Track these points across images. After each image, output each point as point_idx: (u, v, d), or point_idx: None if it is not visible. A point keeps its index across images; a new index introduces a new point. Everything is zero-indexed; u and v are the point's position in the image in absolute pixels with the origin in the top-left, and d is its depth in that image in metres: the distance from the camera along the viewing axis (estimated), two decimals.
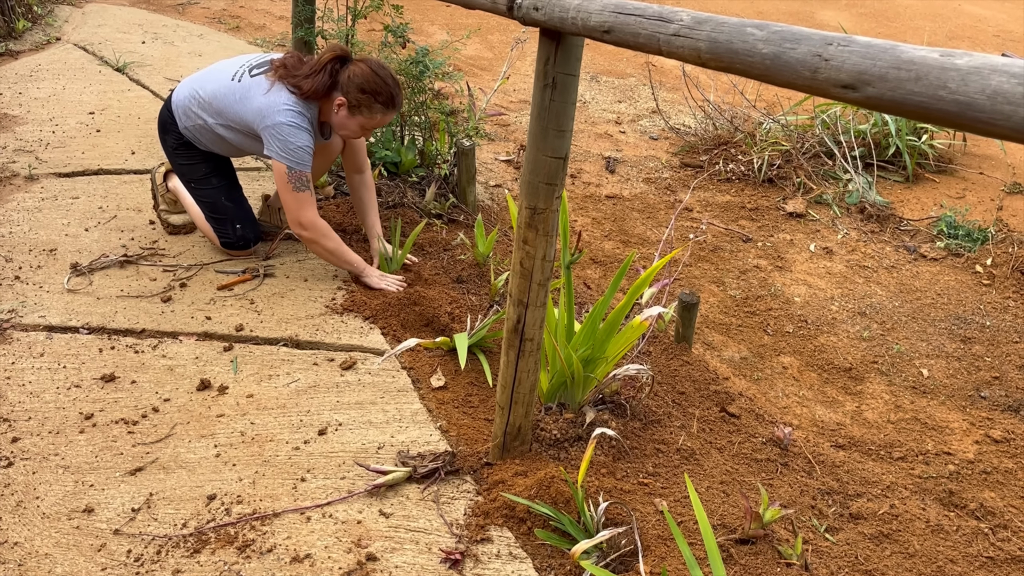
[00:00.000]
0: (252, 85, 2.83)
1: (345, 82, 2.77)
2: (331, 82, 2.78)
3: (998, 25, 9.56)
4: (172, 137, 3.05)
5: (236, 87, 2.85)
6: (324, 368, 2.55)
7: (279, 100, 2.75)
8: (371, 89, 2.75)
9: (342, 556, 1.85)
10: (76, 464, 2.10)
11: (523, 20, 1.70)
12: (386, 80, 2.78)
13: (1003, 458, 2.89)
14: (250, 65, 2.91)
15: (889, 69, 0.89)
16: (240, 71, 2.90)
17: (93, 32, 6.36)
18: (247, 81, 2.85)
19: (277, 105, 2.74)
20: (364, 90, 2.75)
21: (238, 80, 2.87)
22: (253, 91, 2.81)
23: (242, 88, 2.84)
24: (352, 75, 2.76)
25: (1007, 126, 0.78)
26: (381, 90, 2.77)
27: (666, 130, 5.92)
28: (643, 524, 1.98)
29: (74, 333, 2.64)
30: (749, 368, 3.32)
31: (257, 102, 2.78)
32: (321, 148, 3.14)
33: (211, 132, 2.95)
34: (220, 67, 2.98)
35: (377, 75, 2.77)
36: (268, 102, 2.76)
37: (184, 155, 3.07)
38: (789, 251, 4.32)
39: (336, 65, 2.79)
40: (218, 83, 2.90)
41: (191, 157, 3.06)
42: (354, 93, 2.76)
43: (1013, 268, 4.13)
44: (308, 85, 2.75)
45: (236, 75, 2.88)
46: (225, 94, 2.87)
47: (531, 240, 1.87)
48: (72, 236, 3.22)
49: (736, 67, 1.13)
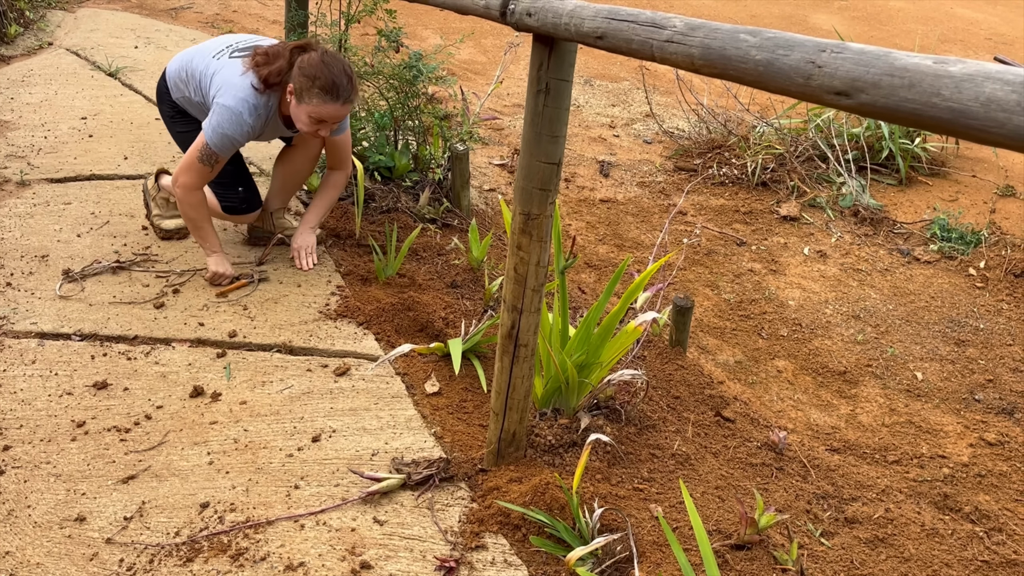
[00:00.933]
0: (226, 66, 2.83)
1: (295, 69, 2.72)
2: (288, 70, 2.76)
3: (990, 28, 9.59)
4: (167, 106, 3.10)
5: (213, 65, 2.87)
6: (318, 374, 2.54)
7: (241, 84, 2.75)
8: (311, 74, 2.67)
9: (336, 564, 1.84)
10: (68, 472, 2.09)
11: (516, 26, 1.70)
12: (331, 67, 2.68)
13: (997, 461, 2.89)
14: (235, 47, 2.93)
15: (882, 76, 0.89)
16: (224, 51, 2.92)
17: (85, 37, 6.34)
18: (224, 61, 2.86)
19: (236, 88, 2.74)
20: (306, 74, 2.68)
21: (216, 58, 2.89)
22: (223, 71, 2.81)
23: (216, 66, 2.86)
24: (301, 61, 2.71)
25: (1001, 133, 0.77)
26: (320, 75, 2.67)
27: (660, 134, 5.93)
28: (638, 530, 1.97)
29: (66, 340, 2.62)
30: (744, 372, 3.32)
31: (222, 76, 2.79)
32: (301, 141, 3.17)
33: (197, 107, 2.99)
34: (211, 44, 3.01)
35: (323, 62, 2.69)
36: (230, 82, 2.76)
37: (181, 122, 3.09)
38: (783, 255, 4.32)
39: (297, 54, 2.77)
40: (202, 60, 2.92)
41: (188, 124, 3.07)
42: (298, 78, 2.69)
43: (1006, 271, 4.14)
44: (266, 71, 2.73)
45: (218, 54, 2.91)
46: (203, 71, 2.89)
47: (525, 246, 1.86)
48: (64, 242, 3.21)
49: (729, 73, 1.13)
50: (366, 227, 3.48)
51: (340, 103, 2.72)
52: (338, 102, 2.71)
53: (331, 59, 2.72)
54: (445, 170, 3.92)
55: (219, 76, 2.80)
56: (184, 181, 2.81)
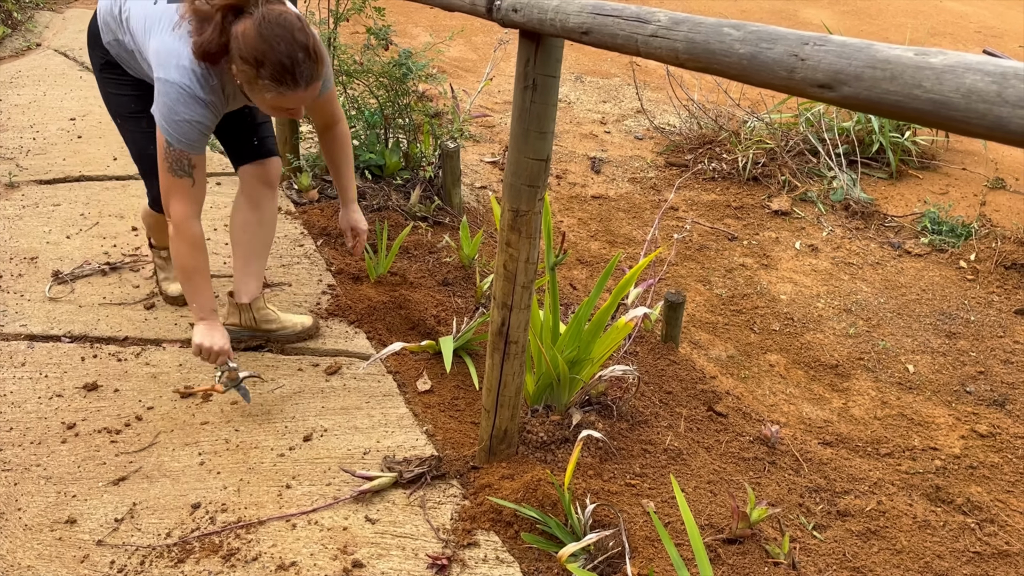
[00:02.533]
0: (163, 15, 2.10)
1: (233, 48, 1.97)
2: (225, 42, 1.98)
3: (980, 21, 9.62)
4: (99, 52, 2.37)
5: (150, 10, 2.15)
6: (309, 373, 2.53)
7: (180, 50, 2.03)
8: (251, 57, 1.93)
9: (328, 563, 1.83)
10: (58, 475, 2.08)
11: (502, 22, 1.69)
12: (275, 42, 1.92)
13: (989, 452, 2.90)
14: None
15: (864, 68, 0.89)
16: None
17: (74, 38, 6.31)
18: (162, 6, 2.13)
19: (178, 57, 2.03)
20: (245, 59, 1.94)
21: (154, 2, 2.16)
22: (161, 24, 2.09)
23: (155, 14, 2.13)
24: (235, 36, 1.95)
25: (982, 124, 0.77)
26: (265, 57, 1.92)
27: (651, 130, 5.93)
28: (630, 525, 1.97)
29: (56, 342, 2.61)
30: (736, 367, 3.32)
31: (155, 41, 2.07)
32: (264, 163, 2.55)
33: (130, 56, 2.29)
34: None
35: (260, 36, 1.92)
36: (167, 47, 2.04)
37: (112, 79, 2.39)
38: (774, 249, 4.32)
39: (229, 17, 1.97)
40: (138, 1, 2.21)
41: (120, 83, 2.38)
42: (237, 64, 1.97)
43: (996, 263, 4.15)
44: (199, 43, 1.99)
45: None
46: (138, 16, 2.17)
47: (514, 243, 1.86)
48: (53, 244, 3.19)
49: (714, 67, 1.13)
50: None
51: (303, 88, 2.00)
52: (299, 88, 1.99)
53: (273, 28, 1.93)
54: (436, 168, 3.91)
55: (155, 38, 2.08)
56: (175, 212, 2.14)
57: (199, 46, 1.99)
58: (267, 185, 2.55)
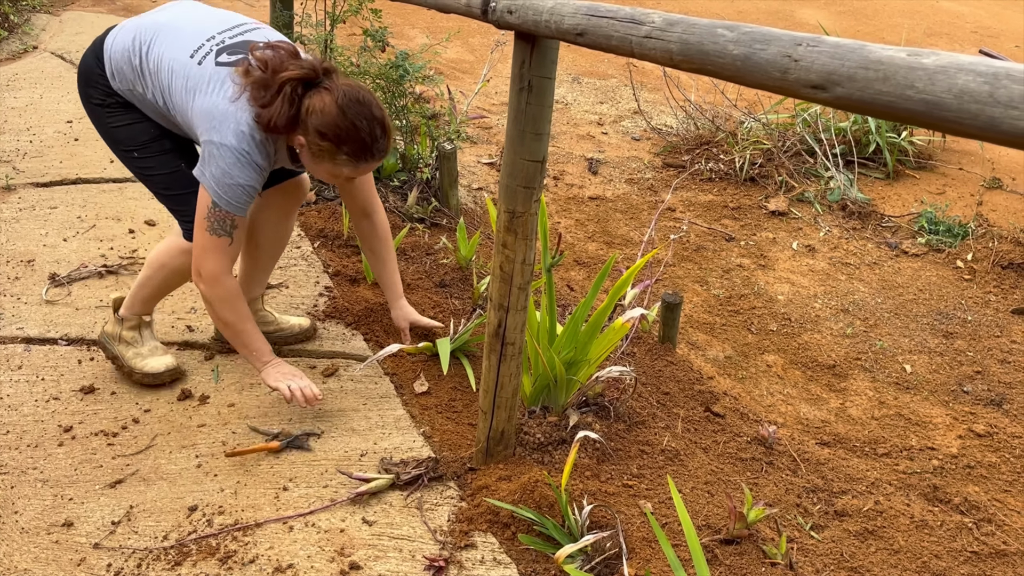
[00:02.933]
0: (213, 79, 2.06)
1: (305, 118, 2.02)
2: (294, 113, 2.02)
3: (976, 21, 9.63)
4: (99, 91, 2.21)
5: (192, 70, 2.08)
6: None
7: (241, 118, 2.02)
8: (334, 136, 2.00)
9: (325, 565, 1.83)
10: (55, 478, 2.08)
11: (498, 23, 1.69)
12: (356, 122, 2.00)
13: (986, 452, 2.90)
14: (221, 45, 2.13)
15: (857, 69, 0.89)
16: (206, 50, 2.12)
17: (71, 40, 6.31)
18: (209, 69, 2.08)
19: (237, 122, 2.02)
20: (324, 135, 2.00)
21: (198, 62, 2.09)
22: (211, 87, 2.06)
23: (199, 76, 2.08)
24: (312, 111, 2.00)
25: (974, 125, 0.78)
26: (348, 137, 2.01)
27: (648, 131, 5.93)
28: (628, 526, 1.97)
29: (52, 345, 2.61)
30: (733, 367, 3.32)
31: (209, 101, 2.05)
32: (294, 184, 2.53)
33: (151, 105, 2.19)
34: (181, 25, 2.19)
35: (345, 115, 1.99)
36: (221, 111, 2.03)
37: (117, 115, 2.22)
38: (772, 249, 4.33)
39: (298, 90, 2.02)
40: (172, 51, 2.12)
41: (129, 118, 2.23)
42: (314, 136, 2.02)
43: (993, 263, 4.16)
44: (267, 116, 2.01)
45: (198, 52, 2.11)
46: (176, 71, 2.10)
47: (510, 244, 1.86)
48: (50, 246, 3.19)
49: (708, 68, 1.13)
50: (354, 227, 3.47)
51: (376, 161, 2.11)
52: (373, 161, 2.10)
53: (353, 106, 2.01)
54: (433, 169, 3.91)
55: (205, 100, 2.05)
56: (208, 270, 2.10)
57: (267, 118, 2.00)
58: (299, 200, 2.57)
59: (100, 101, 2.21)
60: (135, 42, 2.16)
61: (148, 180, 2.29)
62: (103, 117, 2.24)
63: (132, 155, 2.25)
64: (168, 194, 2.27)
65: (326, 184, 3.83)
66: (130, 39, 2.16)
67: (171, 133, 2.26)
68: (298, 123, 2.04)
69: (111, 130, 2.24)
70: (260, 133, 2.04)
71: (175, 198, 2.26)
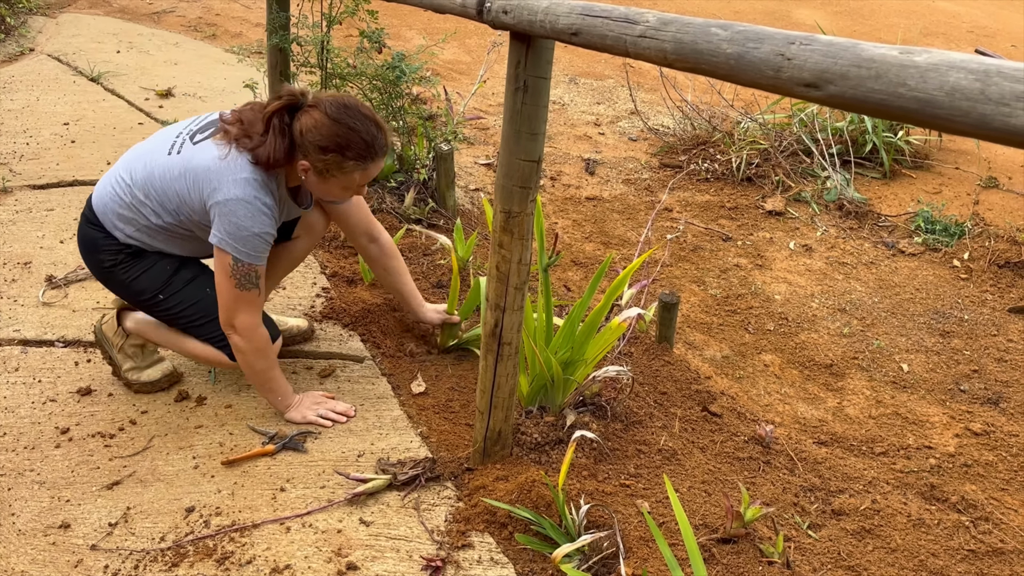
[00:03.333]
0: (196, 153, 2.10)
1: (300, 140, 2.06)
2: (288, 142, 2.07)
3: (972, 21, 9.65)
4: (108, 254, 2.21)
5: (175, 162, 2.11)
6: (303, 376, 2.53)
7: (236, 168, 2.05)
8: (334, 145, 2.04)
9: (322, 566, 1.83)
10: (52, 479, 2.08)
11: (493, 24, 1.70)
12: (351, 125, 2.05)
13: (983, 451, 2.90)
14: (190, 131, 2.19)
15: (850, 67, 0.89)
16: (178, 141, 2.16)
17: (67, 42, 6.31)
18: (188, 151, 2.12)
19: (233, 173, 2.04)
20: (326, 148, 2.04)
21: (177, 152, 2.13)
22: (198, 158, 2.09)
23: (182, 160, 2.11)
24: (305, 131, 2.04)
25: (965, 122, 0.78)
26: (348, 142, 2.05)
27: (645, 131, 5.94)
28: (625, 526, 1.97)
29: (49, 347, 2.61)
30: (731, 367, 3.33)
31: (204, 166, 2.07)
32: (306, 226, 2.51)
33: (162, 233, 2.20)
34: (150, 144, 2.23)
35: (337, 122, 2.04)
36: (217, 168, 2.05)
37: (133, 267, 2.23)
38: (769, 249, 4.33)
39: (284, 119, 2.08)
40: (152, 162, 2.15)
41: (145, 264, 2.23)
42: (316, 154, 2.05)
43: (990, 262, 4.16)
44: (264, 154, 2.04)
45: (174, 148, 2.15)
46: (162, 174, 2.12)
47: (506, 244, 1.86)
48: (47, 248, 3.19)
49: (702, 67, 1.13)
50: None
51: (381, 158, 2.14)
52: (379, 158, 2.14)
53: (342, 112, 2.06)
54: (430, 170, 3.91)
55: (200, 168, 2.07)
56: (241, 323, 2.13)
57: (265, 156, 2.04)
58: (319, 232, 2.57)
59: (112, 262, 2.21)
60: (119, 182, 2.19)
61: (180, 318, 2.28)
62: (119, 276, 2.23)
63: (158, 299, 2.25)
64: (202, 323, 2.27)
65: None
66: (113, 183, 2.20)
67: (187, 261, 2.29)
68: (295, 150, 2.08)
69: (131, 284, 2.23)
70: (260, 174, 2.07)
71: (212, 323, 2.25)
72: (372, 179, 2.17)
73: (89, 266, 2.27)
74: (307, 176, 2.12)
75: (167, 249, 2.24)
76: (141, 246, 2.21)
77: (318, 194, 2.22)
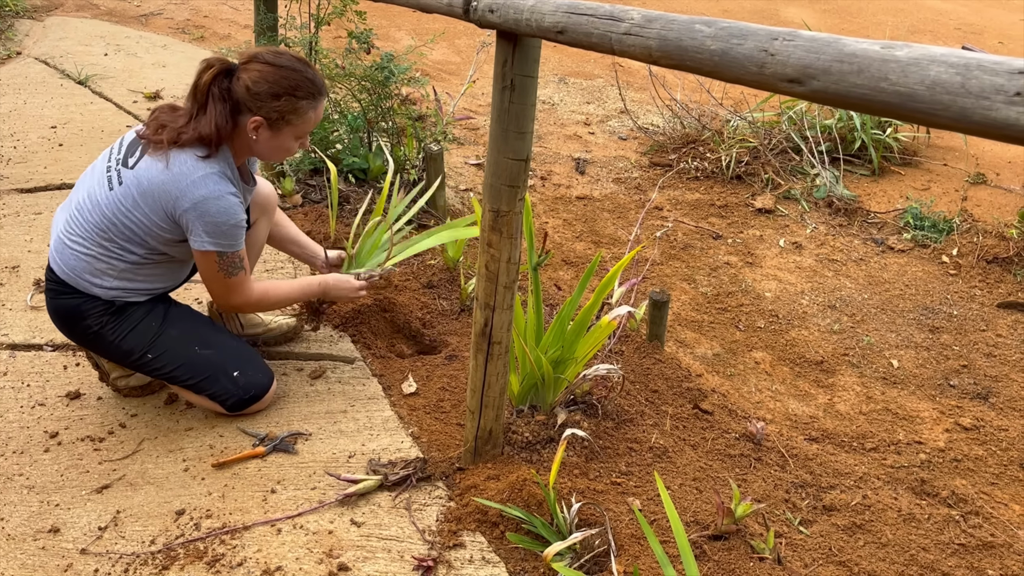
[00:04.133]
0: (140, 176, 2.04)
1: (247, 97, 2.04)
2: (231, 105, 2.07)
3: (959, 18, 9.69)
4: (93, 318, 2.15)
5: (122, 194, 2.05)
6: (293, 378, 2.53)
7: (188, 170, 2.01)
8: (285, 89, 2.05)
9: (313, 567, 1.83)
10: (41, 484, 2.07)
11: (479, 23, 1.70)
12: (294, 67, 2.08)
13: (973, 445, 2.92)
14: (118, 160, 2.11)
15: (832, 62, 0.89)
16: (113, 175, 2.09)
17: (54, 45, 6.28)
18: (130, 177, 2.05)
19: (187, 176, 2.01)
20: (277, 94, 2.04)
21: (119, 184, 2.06)
22: (145, 179, 2.02)
23: (129, 189, 2.04)
24: (252, 83, 2.04)
25: (947, 116, 0.78)
26: (296, 82, 2.07)
27: (635, 130, 5.95)
28: (616, 524, 1.97)
29: (38, 351, 2.59)
30: (722, 364, 3.33)
31: (156, 183, 2.01)
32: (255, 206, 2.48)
33: (142, 268, 2.15)
34: (82, 193, 2.14)
35: (281, 67, 2.06)
36: (173, 177, 2.01)
37: (120, 326, 2.17)
38: (759, 247, 4.34)
39: (224, 83, 2.06)
40: (96, 208, 2.08)
41: (131, 322, 2.18)
42: (268, 104, 2.05)
43: (978, 257, 4.18)
44: (207, 126, 2.02)
45: (112, 182, 2.08)
46: (115, 211, 2.06)
47: (495, 243, 1.86)
48: (35, 252, 3.17)
49: (687, 64, 1.13)
50: (341, 229, 3.46)
51: (325, 94, 2.19)
52: (324, 96, 2.18)
53: (278, 56, 2.09)
54: (420, 171, 3.91)
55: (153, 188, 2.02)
56: (237, 301, 2.19)
57: (209, 129, 2.02)
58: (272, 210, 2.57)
59: (99, 324, 2.16)
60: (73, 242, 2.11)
61: (171, 378, 2.26)
62: (106, 338, 2.17)
63: (147, 358, 2.21)
64: (193, 382, 2.24)
65: (312, 186, 3.83)
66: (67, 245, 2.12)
67: (173, 317, 2.25)
68: (239, 114, 2.08)
69: (119, 344, 2.18)
70: (213, 166, 2.04)
71: (204, 382, 2.24)
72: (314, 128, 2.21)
73: (73, 337, 2.20)
74: (258, 133, 2.10)
75: (151, 285, 2.20)
76: (125, 296, 2.16)
77: (267, 154, 2.17)
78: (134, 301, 2.18)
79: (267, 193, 2.50)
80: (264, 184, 2.50)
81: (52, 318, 2.21)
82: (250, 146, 2.14)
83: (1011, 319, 3.76)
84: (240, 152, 2.16)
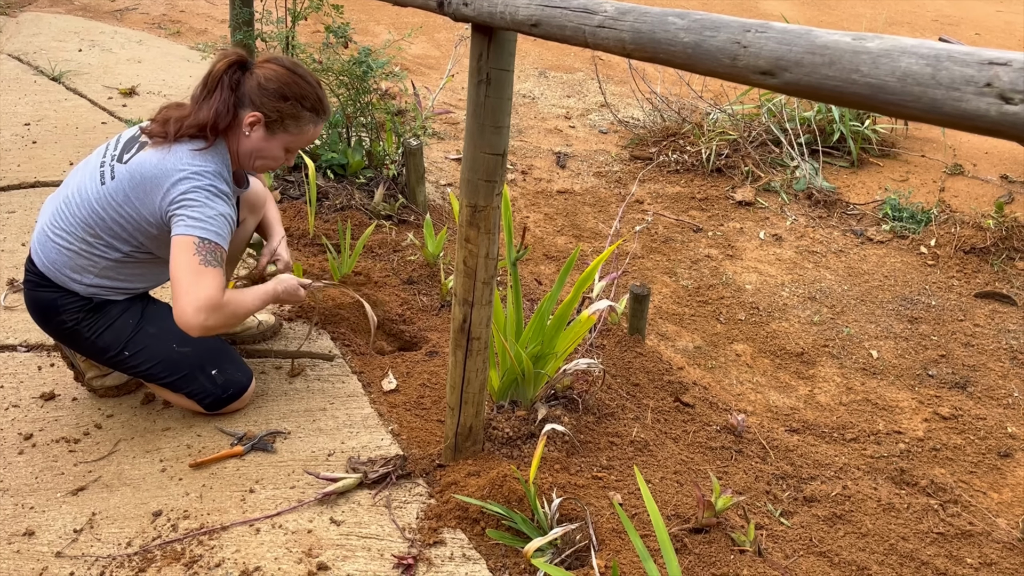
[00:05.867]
0: (133, 169, 2.01)
1: (255, 92, 2.07)
2: (235, 98, 2.07)
3: (936, 10, 9.75)
4: (69, 313, 2.12)
5: (114, 188, 2.02)
6: (272, 376, 2.50)
7: (181, 163, 1.99)
8: (294, 94, 2.08)
9: (292, 567, 1.81)
10: (16, 487, 2.04)
11: (454, 16, 1.68)
12: (308, 80, 2.13)
13: (952, 434, 2.94)
14: (113, 156, 2.09)
15: (804, 54, 0.89)
16: (106, 170, 2.06)
17: (28, 41, 6.19)
18: (123, 172, 2.02)
19: (175, 167, 1.98)
20: (285, 96, 2.07)
21: (111, 179, 2.03)
22: (139, 171, 2.00)
23: (121, 183, 2.01)
24: (263, 81, 2.07)
25: (917, 107, 0.78)
26: (306, 93, 2.11)
27: (615, 123, 5.94)
28: (597, 518, 1.97)
29: (11, 352, 2.56)
30: (703, 357, 3.34)
31: (149, 175, 1.99)
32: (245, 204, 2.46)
33: (124, 266, 2.12)
34: (72, 187, 2.11)
35: (296, 74, 2.11)
36: (165, 168, 1.98)
37: (96, 323, 2.14)
38: (739, 239, 4.35)
39: (236, 74, 2.08)
40: (86, 202, 2.05)
41: (108, 319, 2.14)
42: (272, 103, 2.06)
43: (956, 248, 4.21)
44: (207, 111, 2.02)
45: (104, 177, 2.05)
46: (105, 206, 2.03)
47: (473, 238, 1.85)
48: (8, 252, 3.13)
49: (660, 57, 1.12)
50: (320, 226, 3.44)
51: (326, 119, 2.22)
52: (325, 119, 2.21)
53: (298, 67, 2.14)
54: (399, 166, 3.89)
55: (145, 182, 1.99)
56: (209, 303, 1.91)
57: (212, 112, 2.01)
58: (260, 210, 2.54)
59: (74, 320, 2.12)
60: (57, 235, 2.08)
61: (148, 376, 2.21)
62: (83, 334, 2.14)
63: (123, 356, 2.16)
64: (171, 380, 2.20)
65: (291, 182, 3.80)
66: (50, 238, 2.09)
67: (151, 315, 2.20)
68: (240, 108, 2.07)
69: (94, 342, 2.14)
70: (208, 163, 2.01)
71: (181, 380, 2.20)
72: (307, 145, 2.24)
73: (48, 330, 2.18)
74: (253, 130, 2.09)
75: (132, 284, 2.16)
76: (103, 294, 2.12)
77: (258, 154, 2.14)
78: (112, 299, 2.15)
79: (258, 191, 2.48)
80: (256, 184, 2.48)
81: (29, 310, 2.17)
82: (240, 145, 2.11)
83: (988, 309, 3.79)
84: (235, 154, 2.14)
